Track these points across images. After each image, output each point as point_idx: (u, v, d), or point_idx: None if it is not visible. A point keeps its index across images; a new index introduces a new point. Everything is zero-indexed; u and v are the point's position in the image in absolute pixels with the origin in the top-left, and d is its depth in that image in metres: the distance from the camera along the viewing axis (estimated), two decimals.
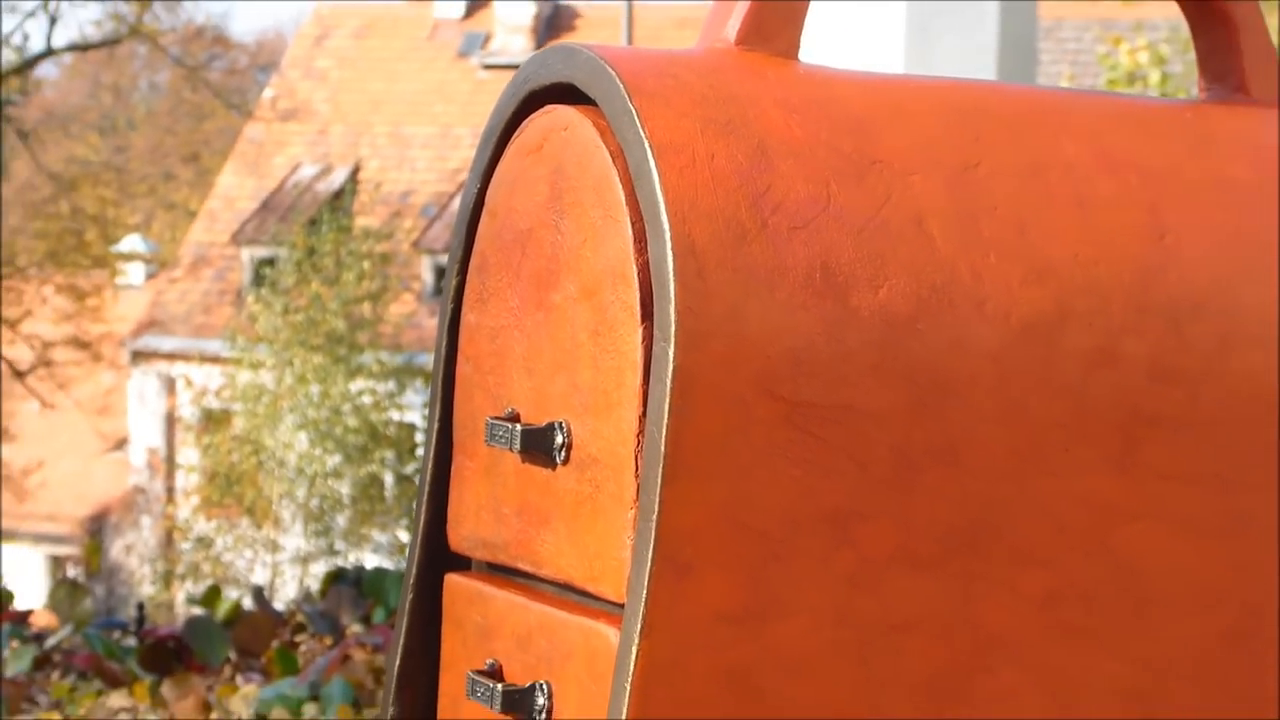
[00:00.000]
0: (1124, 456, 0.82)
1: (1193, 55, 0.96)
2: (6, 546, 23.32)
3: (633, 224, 0.78)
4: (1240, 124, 0.91)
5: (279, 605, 6.47)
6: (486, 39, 25.73)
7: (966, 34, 3.96)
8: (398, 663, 0.94)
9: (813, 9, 0.87)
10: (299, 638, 5.67)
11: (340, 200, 24.25)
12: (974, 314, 0.80)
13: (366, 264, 20.77)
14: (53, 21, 20.02)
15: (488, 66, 24.21)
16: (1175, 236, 0.85)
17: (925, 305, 0.79)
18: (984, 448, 0.79)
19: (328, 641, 5.55)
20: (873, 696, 0.77)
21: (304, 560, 19.83)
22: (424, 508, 0.93)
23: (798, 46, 0.85)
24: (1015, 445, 0.80)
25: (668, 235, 0.75)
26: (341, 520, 20.15)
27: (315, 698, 4.66)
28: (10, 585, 7.71)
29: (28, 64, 20.89)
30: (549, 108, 0.85)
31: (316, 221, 21.78)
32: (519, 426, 0.83)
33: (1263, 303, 0.85)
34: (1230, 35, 0.93)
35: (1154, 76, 15.17)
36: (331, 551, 19.67)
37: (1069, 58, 20.54)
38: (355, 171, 25.48)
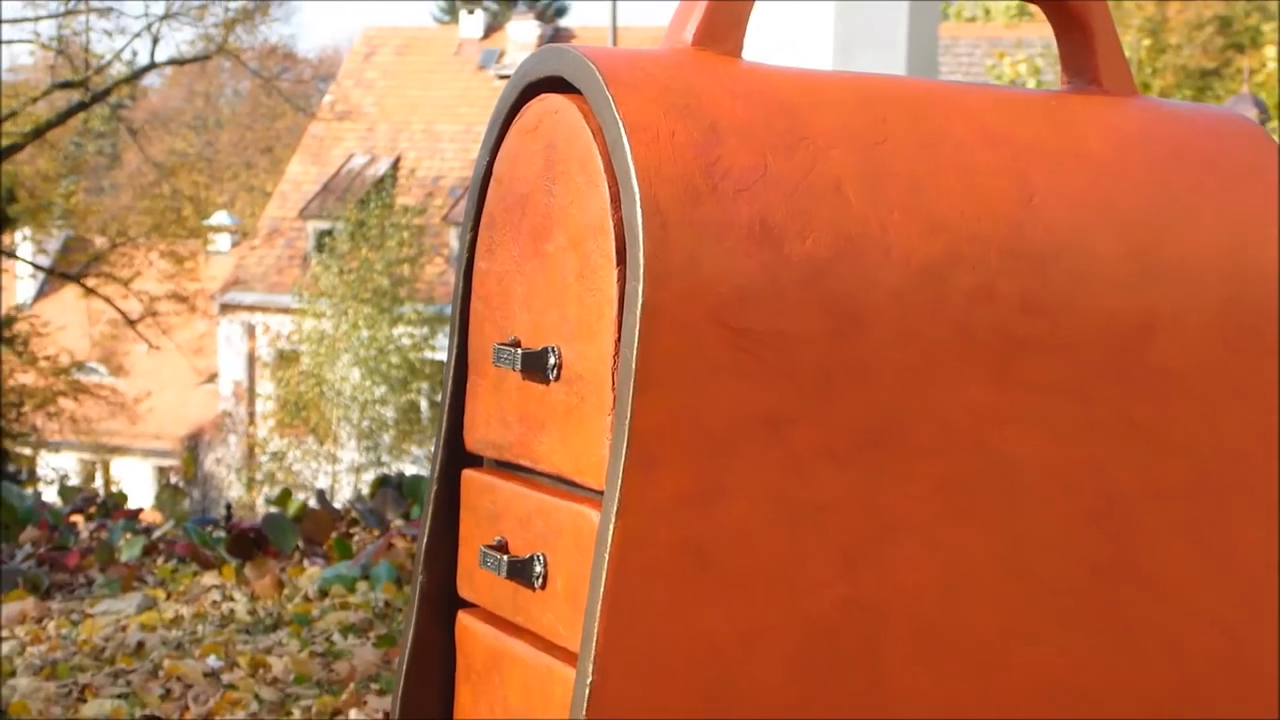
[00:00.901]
0: (1000, 373, 0.82)
1: None
2: (121, 459, 23.41)
3: (610, 188, 0.77)
4: (1094, 109, 0.91)
5: (337, 504, 6.47)
6: (500, 54, 25.74)
7: (881, 49, 3.96)
8: (425, 541, 0.93)
9: (754, 27, 0.87)
10: (353, 530, 5.67)
11: (384, 183, 24.29)
12: (881, 259, 0.79)
13: (405, 234, 20.79)
14: (155, 41, 19.89)
15: (501, 76, 24.12)
16: (1041, 198, 0.84)
17: (842, 253, 0.79)
18: (888, 365, 0.79)
19: (376, 533, 5.55)
20: (800, 563, 0.77)
21: (357, 469, 19.86)
22: (445, 418, 0.93)
23: (741, 46, 0.85)
24: (913, 364, 0.80)
25: (637, 196, 0.75)
26: (386, 438, 20.20)
27: (366, 577, 4.67)
28: (125, 490, 7.69)
29: (136, 75, 20.82)
30: (543, 96, 0.85)
31: (365, 200, 21.80)
32: (520, 351, 0.83)
33: (1110, 250, 0.85)
34: (1087, 39, 0.93)
35: (1031, 84, 15.14)
36: (379, 462, 19.70)
37: (963, 70, 20.48)
38: (396, 161, 25.50)
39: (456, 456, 0.92)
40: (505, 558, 0.84)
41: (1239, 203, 0.90)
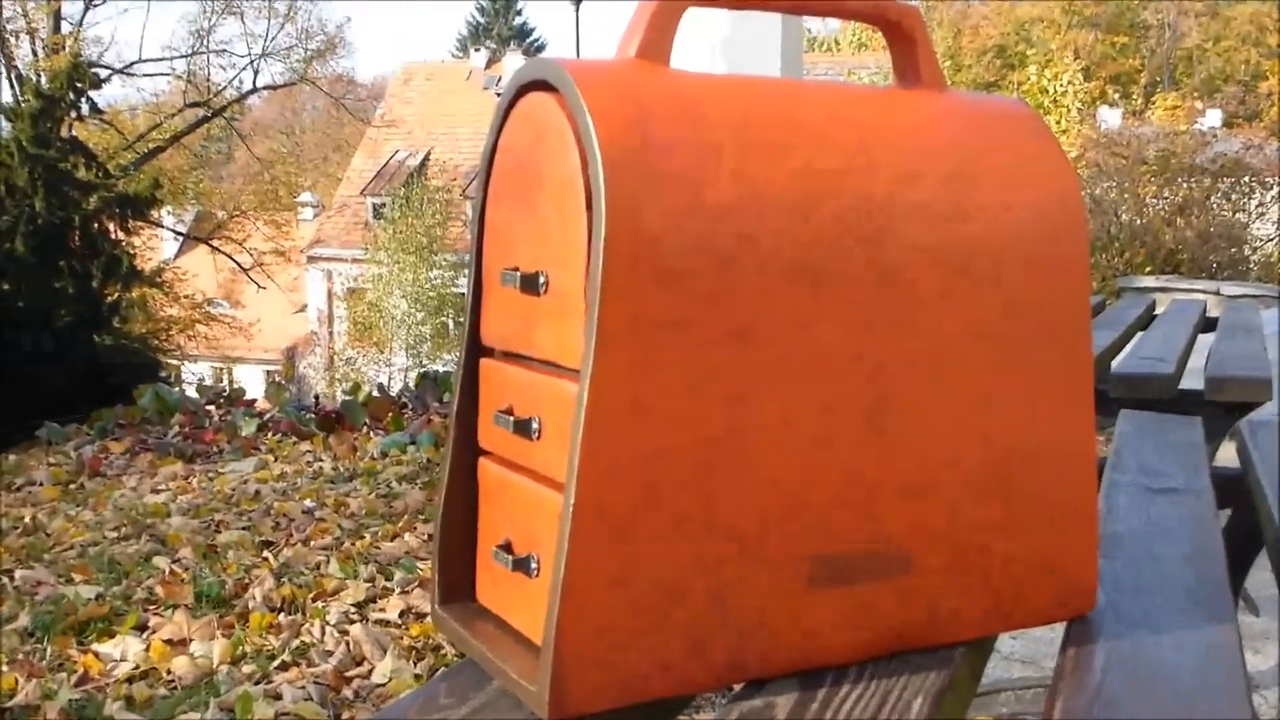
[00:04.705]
0: (814, 293, 0.82)
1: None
2: (240, 366, 23.36)
3: (580, 155, 0.77)
4: (914, 99, 0.90)
5: (392, 393, 6.46)
6: (499, 79, 25.74)
7: (762, 72, 3.96)
8: (455, 409, 0.93)
9: (678, 46, 0.86)
10: (404, 410, 5.64)
11: (420, 170, 24.23)
12: (758, 202, 0.79)
13: (436, 205, 20.78)
14: (256, 72, 19.81)
15: (499, 94, 24.06)
16: (875, 154, 0.84)
17: (734, 208, 0.79)
18: (747, 289, 0.79)
19: (419, 412, 5.53)
20: (698, 407, 0.78)
21: (405, 369, 19.89)
22: (468, 322, 0.92)
23: (669, 58, 0.84)
24: (763, 285, 0.80)
25: (599, 158, 0.74)
26: (425, 347, 20.29)
27: (413, 442, 4.65)
28: (243, 387, 7.64)
29: (242, 96, 20.63)
30: (532, 93, 0.84)
31: (408, 182, 21.75)
32: (519, 273, 0.82)
33: (923, 189, 0.85)
34: (910, 48, 0.92)
35: None
36: (420, 364, 19.70)
37: None
38: (428, 154, 25.39)
39: (476, 349, 0.92)
40: (512, 418, 0.84)
41: (1016, 154, 0.90)
